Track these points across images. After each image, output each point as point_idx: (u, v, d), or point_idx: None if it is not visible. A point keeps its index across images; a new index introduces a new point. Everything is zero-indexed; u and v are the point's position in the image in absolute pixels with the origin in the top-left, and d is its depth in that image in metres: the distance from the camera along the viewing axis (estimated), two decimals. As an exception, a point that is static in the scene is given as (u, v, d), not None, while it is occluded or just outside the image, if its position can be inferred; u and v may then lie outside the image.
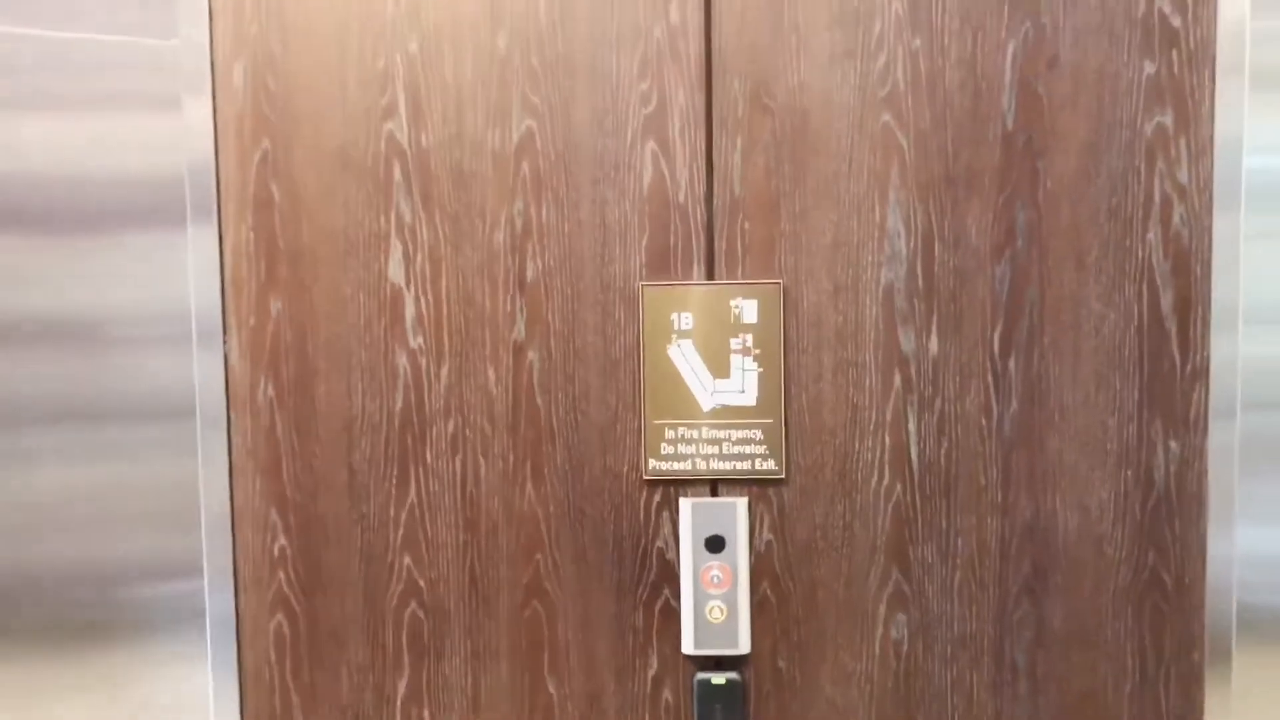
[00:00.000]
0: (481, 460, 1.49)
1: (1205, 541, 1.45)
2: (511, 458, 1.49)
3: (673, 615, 1.49)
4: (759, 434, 1.47)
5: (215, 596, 1.50)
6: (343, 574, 1.51)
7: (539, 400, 1.48)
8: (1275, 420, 1.45)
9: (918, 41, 1.43)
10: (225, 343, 1.49)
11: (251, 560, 1.51)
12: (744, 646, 1.48)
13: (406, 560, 1.51)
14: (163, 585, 1.56)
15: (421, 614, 1.51)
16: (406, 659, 1.52)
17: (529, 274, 1.47)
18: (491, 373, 1.48)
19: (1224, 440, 1.44)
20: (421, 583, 1.51)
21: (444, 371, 1.48)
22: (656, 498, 1.48)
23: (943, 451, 1.46)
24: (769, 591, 1.48)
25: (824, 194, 1.45)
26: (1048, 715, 1.47)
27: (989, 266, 1.45)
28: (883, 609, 1.48)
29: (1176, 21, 1.41)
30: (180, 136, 1.47)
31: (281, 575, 1.51)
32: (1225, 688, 1.46)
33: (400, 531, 1.50)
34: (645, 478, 1.48)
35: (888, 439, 1.46)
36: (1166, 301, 1.43)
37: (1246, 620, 1.46)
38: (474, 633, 1.51)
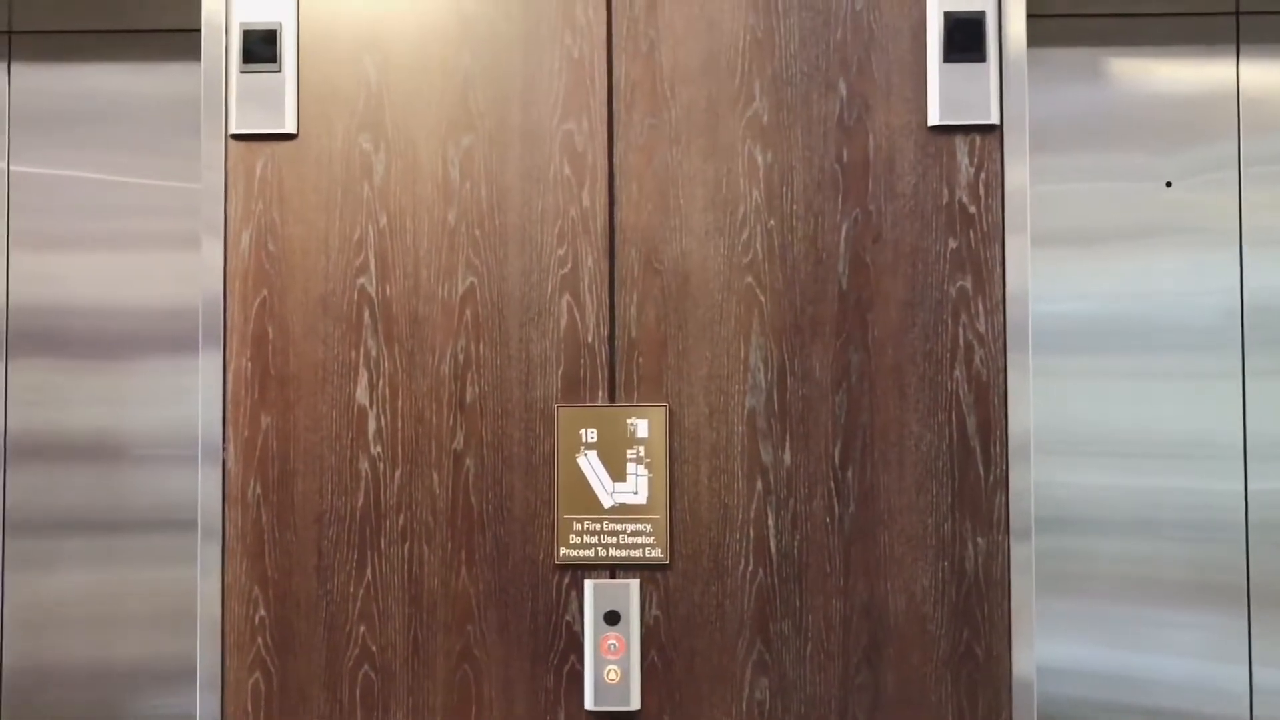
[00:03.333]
0: (425, 547, 1.84)
1: (1010, 622, 1.78)
2: (449, 545, 1.84)
3: (578, 677, 1.81)
4: (649, 528, 1.82)
5: (205, 659, 1.84)
6: (309, 640, 1.84)
7: (473, 499, 1.84)
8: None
9: (773, 222, 1.84)
10: (224, 450, 1.86)
11: (235, 628, 1.85)
12: (635, 704, 1.80)
13: (362, 629, 1.84)
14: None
15: (373, 674, 1.84)
16: (359, 713, 1.83)
17: (468, 396, 1.85)
18: (435, 476, 1.85)
19: (1023, 539, 1.79)
20: (373, 648, 1.84)
21: (397, 475, 1.85)
22: (566, 579, 1.83)
23: (796, 543, 1.81)
24: (656, 658, 1.81)
25: (701, 337, 1.84)
26: (885, 766, 1.78)
27: (830, 396, 1.83)
28: (748, 674, 1.80)
29: (973, 209, 1.82)
30: (197, 272, 1.87)
31: (260, 640, 1.85)
32: (1030, 744, 1.77)
33: (357, 605, 1.84)
34: (557, 563, 1.83)
35: (752, 532, 1.82)
36: (971, 425, 1.80)
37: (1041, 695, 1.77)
38: (415, 691, 1.83)
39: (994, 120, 1.81)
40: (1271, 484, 1.86)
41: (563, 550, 1.82)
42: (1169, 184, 1.91)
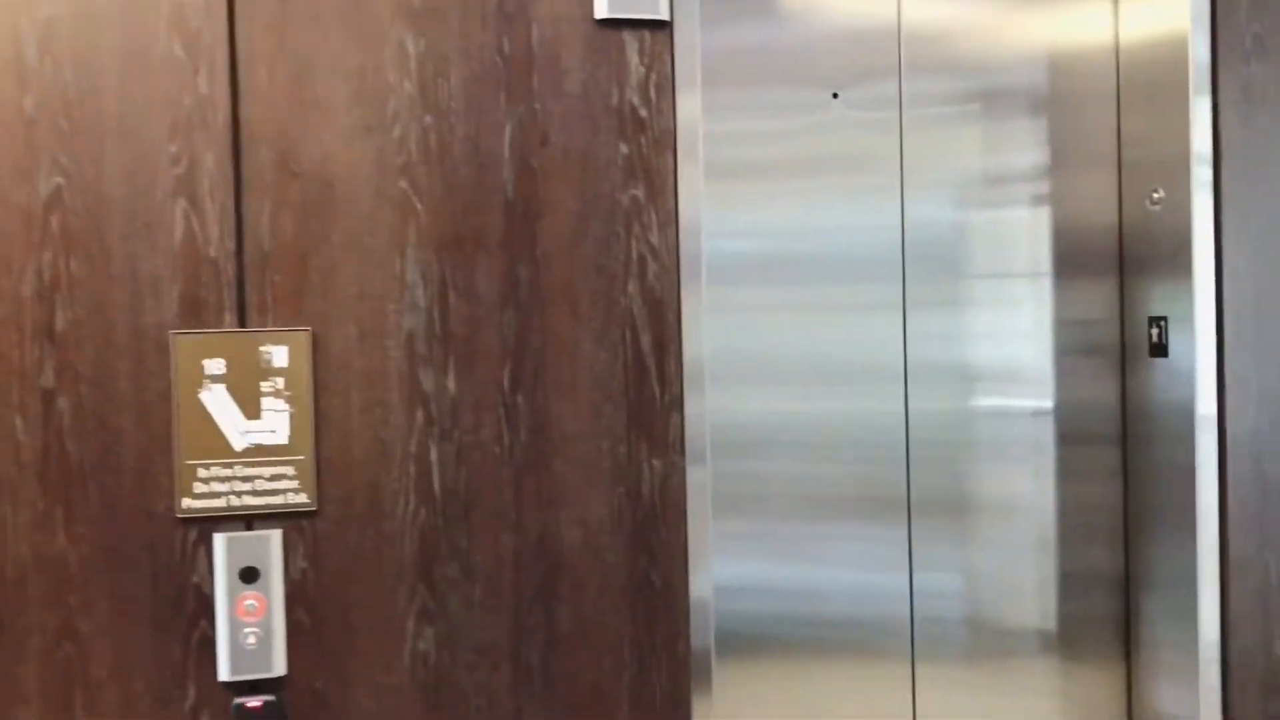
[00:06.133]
0: (7, 507, 1.51)
1: (686, 545, 1.72)
2: (41, 503, 1.52)
3: (210, 645, 1.57)
4: (291, 470, 1.59)
5: None
6: None
7: (69, 445, 1.53)
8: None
9: (429, 119, 1.63)
10: None
11: None
12: (280, 669, 1.58)
13: (-75, 613, 1.50)
14: None
15: (-57, 667, 1.50)
16: (-74, 715, 1.50)
17: (58, 323, 1.53)
18: (19, 420, 1.52)
19: (698, 460, 1.72)
20: (-58, 634, 1.50)
21: (-35, 420, 1.51)
22: (192, 534, 1.57)
23: (463, 478, 1.65)
24: (304, 616, 1.60)
25: (349, 250, 1.61)
26: (561, 709, 1.67)
27: (497, 315, 1.66)
28: (411, 624, 1.63)
29: (644, 113, 1.70)
30: None
31: None
32: (706, 677, 1.72)
33: (-82, 584, 1.49)
34: (180, 516, 1.56)
35: (413, 469, 1.63)
36: (646, 343, 1.70)
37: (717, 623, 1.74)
38: (2, 680, 1.52)
39: (664, 16, 1.68)
40: (929, 405, 1.91)
41: (186, 501, 1.56)
42: (835, 95, 1.89)
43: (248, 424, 1.58)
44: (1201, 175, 1.85)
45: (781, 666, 1.89)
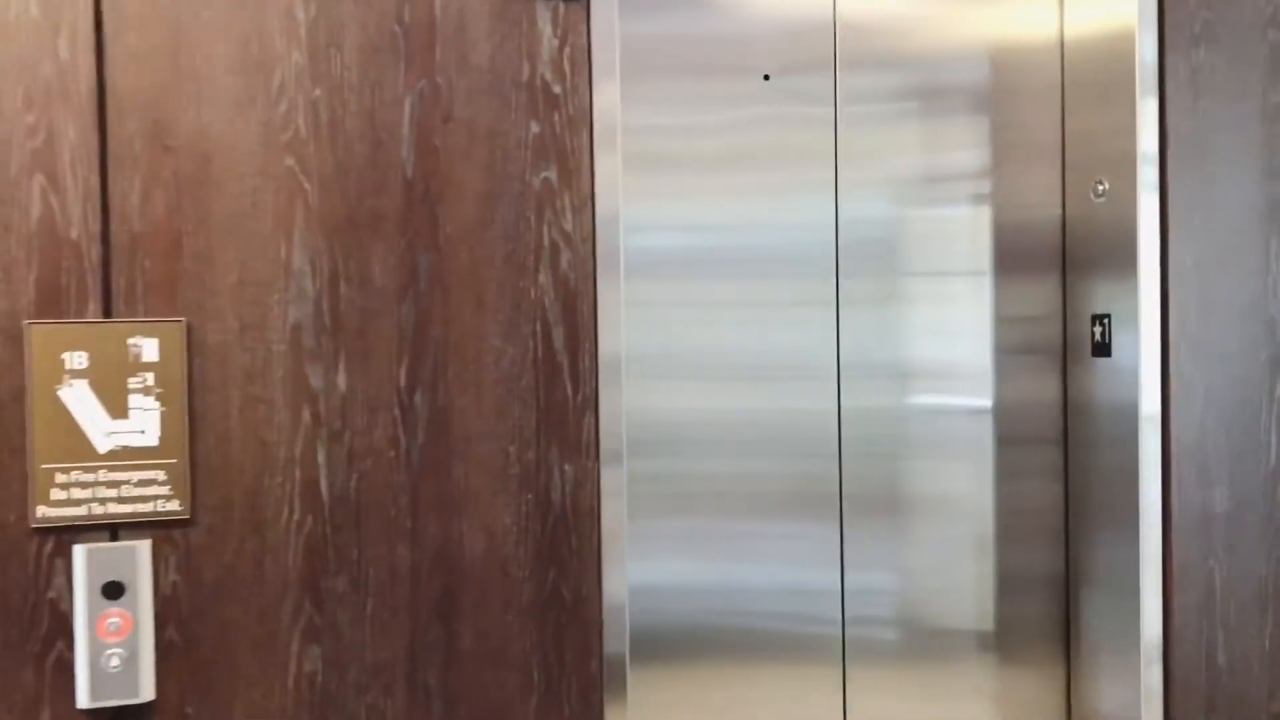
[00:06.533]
0: None
1: (600, 555, 1.59)
2: (-127, 511, 1.37)
3: (68, 669, 1.42)
4: (162, 475, 1.44)
5: None
6: None
7: (-93, 447, 1.38)
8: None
9: (319, 91, 1.50)
10: None
11: None
12: (147, 694, 1.43)
13: None
14: None
15: None
16: None
17: (-105, 312, 1.37)
18: None
19: (614, 463, 1.60)
20: None
21: None
22: (48, 546, 1.41)
23: (354, 483, 1.51)
24: (175, 635, 1.45)
25: (229, 233, 1.47)
26: (462, 733, 1.55)
27: (395, 306, 1.53)
28: (296, 643, 1.49)
29: (557, 89, 1.58)
30: None
31: None
32: (621, 692, 1.60)
33: None
34: (34, 525, 1.40)
35: (299, 474, 1.49)
36: (559, 338, 1.58)
37: (638, 630, 1.63)
38: None
39: (580, -15, 1.57)
40: (862, 402, 1.84)
41: (42, 509, 1.40)
42: (766, 77, 1.79)
43: (113, 424, 1.43)
44: (1147, 167, 1.77)
45: (707, 672, 1.78)
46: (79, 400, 1.42)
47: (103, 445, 1.43)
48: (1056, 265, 1.93)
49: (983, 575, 1.89)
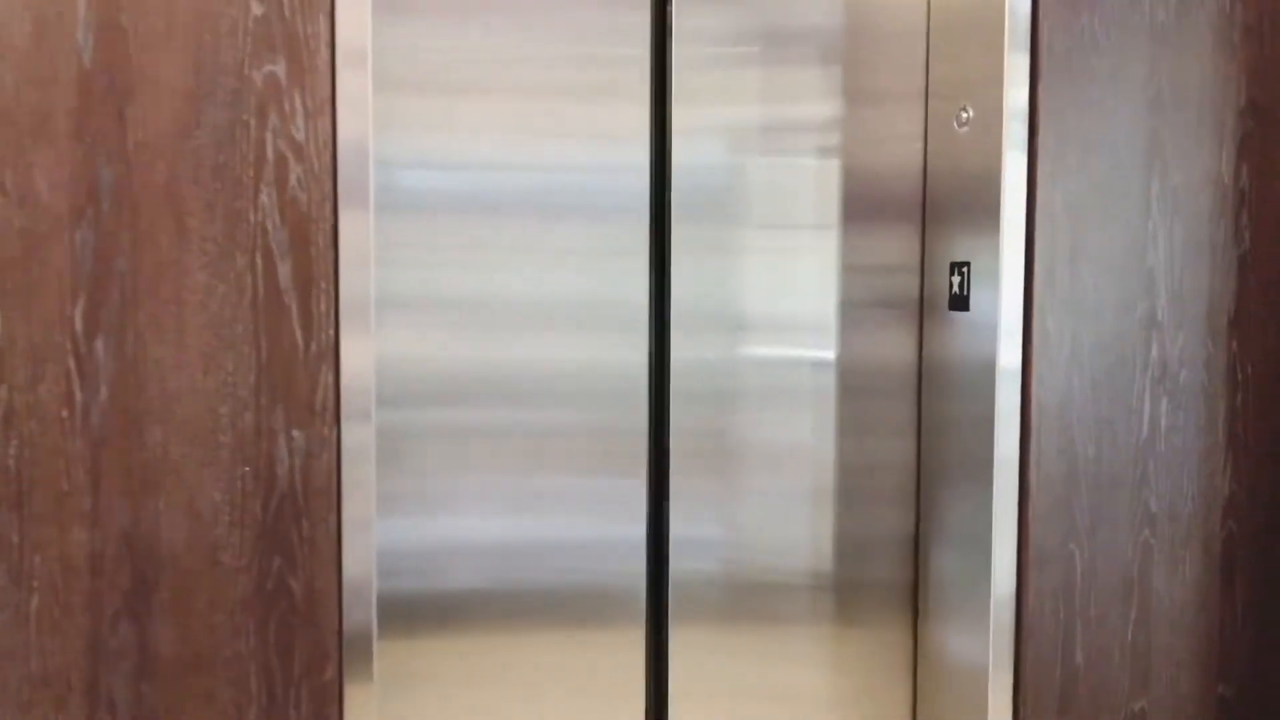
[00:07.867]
0: None
1: (340, 541, 1.31)
2: None
3: None
4: None
5: None
6: None
7: None
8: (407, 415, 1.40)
9: (-40, -50, 1.17)
10: None
11: None
12: None
13: None
14: None
15: None
16: None
17: None
18: None
19: (360, 423, 1.32)
20: None
21: None
22: None
23: (13, 452, 1.21)
24: None
25: None
26: (158, 756, 1.26)
27: (68, 230, 1.21)
28: (-67, 651, 1.19)
29: (287, -39, 1.26)
30: None
31: None
32: (366, 697, 1.33)
33: None
34: None
35: (-62, 439, 1.18)
36: (285, 274, 1.28)
37: (388, 613, 1.37)
38: None
39: None
40: (687, 353, 1.61)
41: None
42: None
43: None
44: (1014, 90, 1.51)
45: (486, 639, 1.54)
46: None
47: None
48: (916, 214, 1.70)
49: (819, 532, 1.69)
